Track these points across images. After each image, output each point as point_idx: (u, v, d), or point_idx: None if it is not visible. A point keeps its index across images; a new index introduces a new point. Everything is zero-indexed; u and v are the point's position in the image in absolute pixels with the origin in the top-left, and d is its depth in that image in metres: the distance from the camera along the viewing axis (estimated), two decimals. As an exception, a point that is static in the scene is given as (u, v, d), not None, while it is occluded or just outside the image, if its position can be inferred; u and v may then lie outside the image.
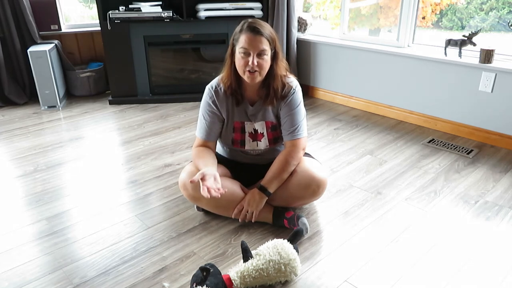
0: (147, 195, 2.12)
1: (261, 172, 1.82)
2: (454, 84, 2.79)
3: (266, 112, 1.81)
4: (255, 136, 1.84)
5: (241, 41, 1.64)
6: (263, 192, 1.77)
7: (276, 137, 1.86)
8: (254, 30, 1.62)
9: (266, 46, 1.64)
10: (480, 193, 2.10)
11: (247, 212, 1.79)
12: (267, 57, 1.66)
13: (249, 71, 1.66)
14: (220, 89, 1.79)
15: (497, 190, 2.13)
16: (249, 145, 1.86)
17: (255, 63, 1.63)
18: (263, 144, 1.85)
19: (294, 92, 1.79)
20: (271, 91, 1.75)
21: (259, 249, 1.52)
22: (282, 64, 1.76)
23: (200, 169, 1.69)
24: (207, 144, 1.85)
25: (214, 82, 1.83)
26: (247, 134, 1.84)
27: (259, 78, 1.69)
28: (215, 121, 1.82)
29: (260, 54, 1.63)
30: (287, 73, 1.82)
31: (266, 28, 1.67)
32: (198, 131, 1.87)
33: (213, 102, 1.80)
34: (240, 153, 1.91)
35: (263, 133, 1.83)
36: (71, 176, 2.33)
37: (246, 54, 1.64)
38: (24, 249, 1.71)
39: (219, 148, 2.00)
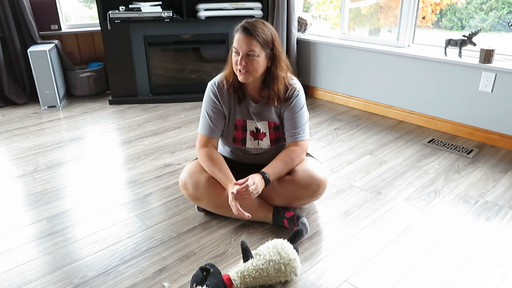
0: (147, 195, 2.12)
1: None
2: (454, 84, 2.79)
3: (268, 112, 1.81)
4: (257, 135, 1.84)
5: (234, 41, 1.67)
6: (264, 178, 1.69)
7: (278, 137, 1.86)
8: (245, 31, 1.63)
9: (256, 48, 1.63)
10: (480, 193, 2.10)
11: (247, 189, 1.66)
12: (258, 59, 1.65)
13: (239, 70, 1.67)
14: (223, 85, 1.80)
15: (497, 190, 2.13)
16: (250, 143, 1.86)
17: (243, 63, 1.64)
18: (264, 143, 1.85)
19: (298, 95, 1.80)
20: (272, 92, 1.75)
21: (259, 249, 1.52)
22: (283, 65, 1.75)
23: (218, 177, 1.74)
24: (211, 141, 1.83)
25: (217, 79, 1.83)
26: (248, 133, 1.84)
27: (250, 78, 1.69)
28: (219, 118, 1.82)
29: (248, 55, 1.64)
30: (290, 74, 1.82)
31: (261, 29, 1.65)
32: (202, 128, 1.85)
33: (216, 98, 1.80)
34: (240, 152, 1.91)
35: (265, 132, 1.84)
36: (71, 176, 2.33)
37: (237, 53, 1.66)
38: (24, 249, 1.71)
39: (219, 148, 2.00)
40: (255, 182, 1.65)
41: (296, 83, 1.83)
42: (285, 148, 1.85)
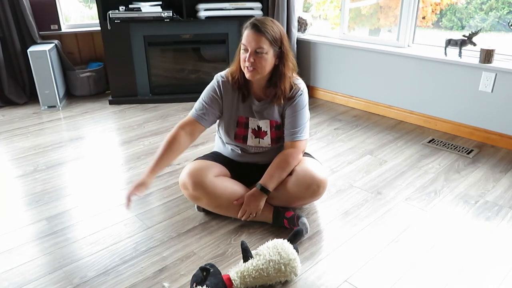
0: (147, 195, 2.11)
1: (261, 172, 1.82)
2: (454, 84, 2.79)
3: (271, 111, 1.81)
4: (258, 133, 1.85)
5: (243, 37, 1.67)
6: (262, 191, 1.77)
7: (279, 136, 1.86)
8: (255, 27, 1.63)
9: (264, 45, 1.63)
10: (480, 193, 2.10)
11: (249, 211, 1.79)
12: (266, 56, 1.65)
13: (247, 67, 1.67)
14: (229, 80, 1.80)
15: (497, 190, 2.13)
16: (251, 141, 1.86)
17: (251, 60, 1.64)
18: (265, 142, 1.86)
19: (301, 94, 1.80)
20: (279, 91, 1.74)
21: (259, 249, 1.52)
22: (290, 64, 1.74)
23: (153, 157, 1.74)
24: (193, 125, 1.80)
25: (223, 72, 1.84)
26: (250, 130, 1.84)
27: (258, 76, 1.69)
28: (213, 108, 1.81)
29: (257, 52, 1.64)
30: (295, 75, 1.82)
31: (270, 26, 1.66)
32: (192, 111, 1.84)
33: (219, 89, 1.81)
34: (240, 152, 1.91)
35: (266, 131, 1.84)
36: (71, 176, 2.33)
37: (245, 50, 1.66)
38: (24, 249, 1.71)
39: (219, 147, 2.00)
40: (256, 211, 1.78)
41: (301, 83, 1.83)
42: (283, 148, 1.86)
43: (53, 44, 3.51)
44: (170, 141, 1.76)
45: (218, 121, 1.91)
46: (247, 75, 1.70)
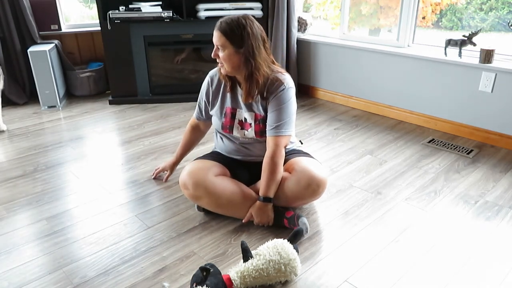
0: (147, 195, 2.12)
1: (259, 170, 1.82)
2: (454, 84, 2.79)
3: (256, 104, 1.82)
4: (244, 124, 1.87)
5: None
6: (266, 201, 1.78)
7: (263, 130, 1.85)
8: (217, 25, 1.71)
9: (222, 42, 1.69)
10: (480, 193, 2.11)
11: (263, 223, 1.83)
12: (226, 53, 1.70)
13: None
14: (218, 71, 1.88)
15: (497, 190, 2.13)
16: (237, 131, 1.88)
17: (215, 55, 1.75)
18: (250, 134, 1.87)
19: (284, 89, 1.77)
20: (249, 87, 1.76)
21: (259, 249, 1.52)
22: (259, 63, 1.72)
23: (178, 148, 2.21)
24: (196, 122, 2.10)
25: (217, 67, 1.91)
26: (236, 121, 1.87)
27: (225, 70, 1.76)
28: (204, 101, 1.97)
29: (219, 48, 1.72)
30: (283, 70, 1.83)
31: (232, 26, 1.67)
32: (195, 110, 2.08)
33: (211, 80, 1.92)
34: (232, 144, 1.93)
35: (251, 123, 1.84)
36: (71, 176, 2.33)
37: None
38: (24, 249, 1.71)
39: (217, 144, 2.03)
40: (268, 220, 1.81)
41: (286, 78, 1.80)
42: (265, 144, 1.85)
43: (53, 44, 3.51)
44: (183, 136, 2.17)
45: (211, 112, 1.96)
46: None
